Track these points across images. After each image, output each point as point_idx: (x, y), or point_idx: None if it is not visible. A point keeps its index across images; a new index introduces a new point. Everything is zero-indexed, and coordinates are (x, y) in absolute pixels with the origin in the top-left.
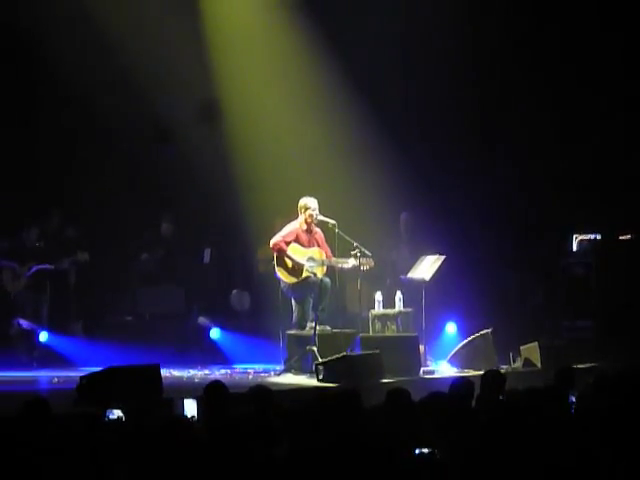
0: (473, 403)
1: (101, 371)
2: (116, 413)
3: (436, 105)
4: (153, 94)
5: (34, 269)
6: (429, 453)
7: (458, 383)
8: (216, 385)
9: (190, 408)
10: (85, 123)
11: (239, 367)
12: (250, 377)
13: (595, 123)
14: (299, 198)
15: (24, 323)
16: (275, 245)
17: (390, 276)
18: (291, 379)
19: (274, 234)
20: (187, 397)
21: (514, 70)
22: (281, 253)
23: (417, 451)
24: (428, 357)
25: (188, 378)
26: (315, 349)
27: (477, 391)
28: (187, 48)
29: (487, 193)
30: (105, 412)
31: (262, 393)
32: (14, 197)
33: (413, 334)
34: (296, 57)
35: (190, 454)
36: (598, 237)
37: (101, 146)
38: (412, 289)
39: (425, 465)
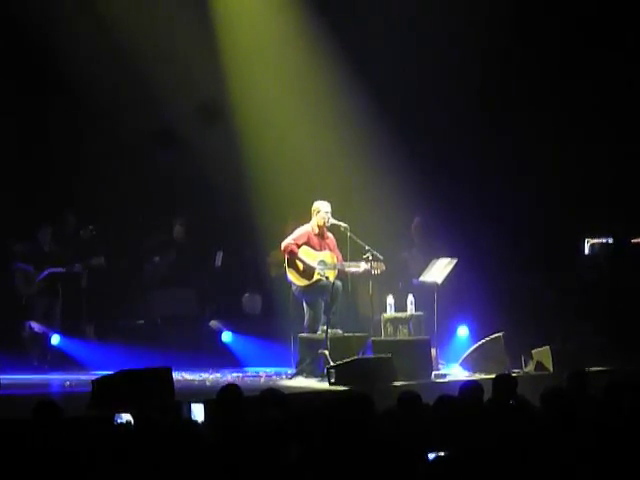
0: (483, 406)
1: (113, 374)
2: (124, 417)
3: (450, 109)
4: (166, 95)
5: (46, 272)
6: (442, 456)
7: (467, 387)
8: (231, 388)
9: (197, 412)
10: (97, 126)
11: (251, 370)
12: (262, 380)
13: (608, 126)
14: (311, 201)
15: (36, 326)
16: (286, 248)
17: (402, 279)
18: (302, 382)
19: (286, 237)
20: (197, 400)
21: (528, 72)
22: (292, 256)
23: (430, 455)
24: (440, 361)
25: (200, 381)
26: (327, 352)
27: (488, 395)
28: (199, 49)
29: (499, 197)
30: (114, 416)
31: (275, 397)
32: (28, 201)
33: (425, 337)
34: (309, 59)
35: (198, 458)
36: (610, 241)
37: (113, 149)
38: (424, 292)
39: (438, 468)
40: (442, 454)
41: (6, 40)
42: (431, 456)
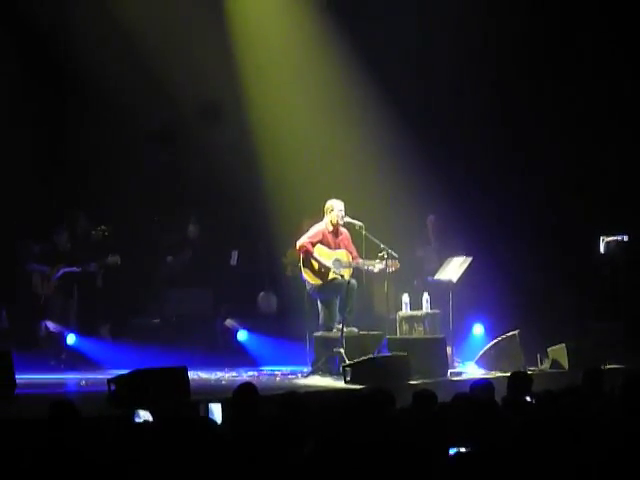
0: (496, 404)
1: (128, 373)
2: (142, 416)
3: (463, 108)
4: (179, 95)
5: (61, 272)
6: (461, 454)
7: (478, 385)
8: (247, 387)
9: (215, 411)
10: (112, 126)
11: (266, 369)
12: (277, 379)
13: (622, 123)
14: (326, 200)
15: (51, 326)
16: (302, 247)
17: (417, 278)
18: (318, 381)
19: (301, 236)
20: (214, 399)
21: (540, 70)
22: (307, 255)
23: (452, 451)
24: (455, 359)
25: (215, 380)
26: (342, 351)
27: (504, 392)
28: (212, 46)
29: (514, 195)
30: (132, 414)
31: (293, 401)
32: (43, 201)
33: (440, 336)
34: (323, 57)
35: (216, 456)
36: (625, 238)
37: (128, 149)
38: (439, 291)
39: (459, 465)
40: (463, 450)
41: (19, 42)
42: (452, 451)
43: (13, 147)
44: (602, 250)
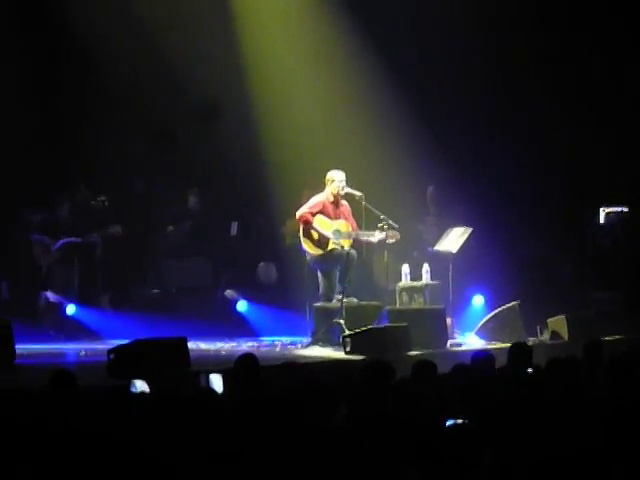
0: (497, 375)
1: (128, 344)
2: (139, 387)
3: (464, 77)
4: (184, 68)
5: (60, 242)
6: (461, 424)
7: (479, 356)
8: (248, 358)
9: (216, 382)
10: (114, 95)
11: (266, 340)
12: (277, 350)
13: (622, 94)
14: (326, 171)
15: (51, 296)
16: (301, 217)
17: (417, 248)
18: (318, 351)
19: (300, 206)
20: (214, 370)
21: (542, 42)
22: (307, 225)
23: (449, 422)
24: (455, 329)
25: (215, 351)
26: (342, 321)
27: (503, 363)
28: (215, 20)
29: (515, 165)
30: (129, 385)
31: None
32: (43, 171)
33: (440, 306)
34: (324, 30)
35: (216, 427)
36: (625, 209)
37: (130, 119)
38: (439, 261)
39: (457, 435)
40: (460, 421)
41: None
42: (449, 423)
43: (14, 116)
44: (602, 221)
